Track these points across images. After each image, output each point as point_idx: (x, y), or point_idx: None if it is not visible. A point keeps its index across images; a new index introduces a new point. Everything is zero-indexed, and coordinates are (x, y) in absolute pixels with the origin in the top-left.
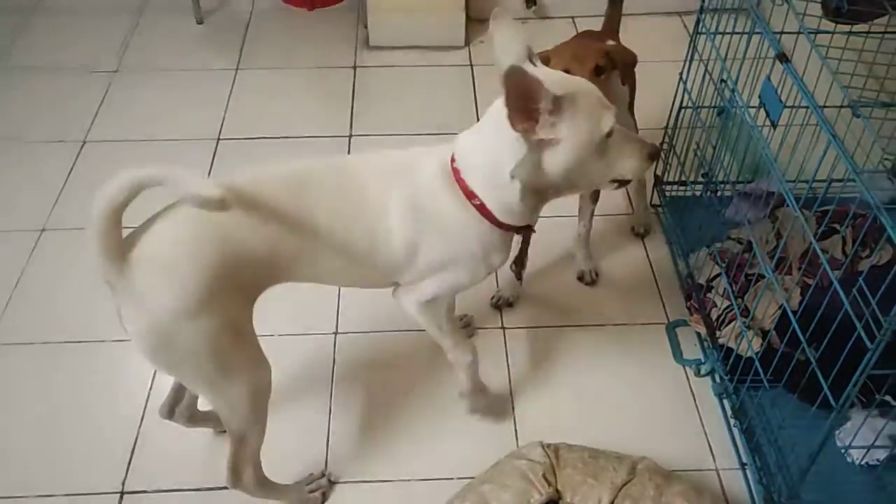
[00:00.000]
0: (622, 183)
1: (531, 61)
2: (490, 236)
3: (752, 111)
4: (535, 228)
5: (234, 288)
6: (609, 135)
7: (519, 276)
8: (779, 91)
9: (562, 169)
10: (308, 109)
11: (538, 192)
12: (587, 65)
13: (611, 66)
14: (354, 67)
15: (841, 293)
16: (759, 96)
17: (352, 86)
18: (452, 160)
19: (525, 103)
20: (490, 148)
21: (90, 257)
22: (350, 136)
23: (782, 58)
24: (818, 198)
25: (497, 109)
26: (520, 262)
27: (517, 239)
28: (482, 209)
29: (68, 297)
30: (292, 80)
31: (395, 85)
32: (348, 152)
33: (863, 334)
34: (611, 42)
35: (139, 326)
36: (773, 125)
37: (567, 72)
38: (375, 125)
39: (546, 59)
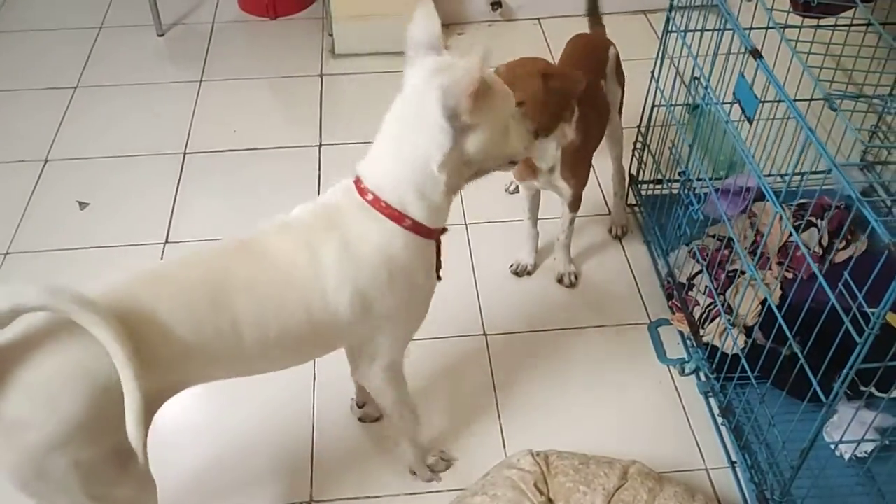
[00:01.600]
0: (514, 162)
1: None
2: (426, 251)
3: (726, 107)
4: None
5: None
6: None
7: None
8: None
9: (482, 149)
10: (276, 120)
11: (455, 184)
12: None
13: (539, 90)
14: (321, 76)
15: (826, 286)
16: (734, 93)
17: (319, 94)
18: (361, 192)
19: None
20: (411, 152)
21: None
22: (320, 145)
23: (755, 53)
24: (796, 191)
25: (410, 112)
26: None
27: None
28: (415, 228)
29: None
30: (258, 90)
31: (364, 92)
32: (319, 162)
33: (850, 328)
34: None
35: (8, 459)
36: (749, 121)
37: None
38: (345, 133)
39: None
